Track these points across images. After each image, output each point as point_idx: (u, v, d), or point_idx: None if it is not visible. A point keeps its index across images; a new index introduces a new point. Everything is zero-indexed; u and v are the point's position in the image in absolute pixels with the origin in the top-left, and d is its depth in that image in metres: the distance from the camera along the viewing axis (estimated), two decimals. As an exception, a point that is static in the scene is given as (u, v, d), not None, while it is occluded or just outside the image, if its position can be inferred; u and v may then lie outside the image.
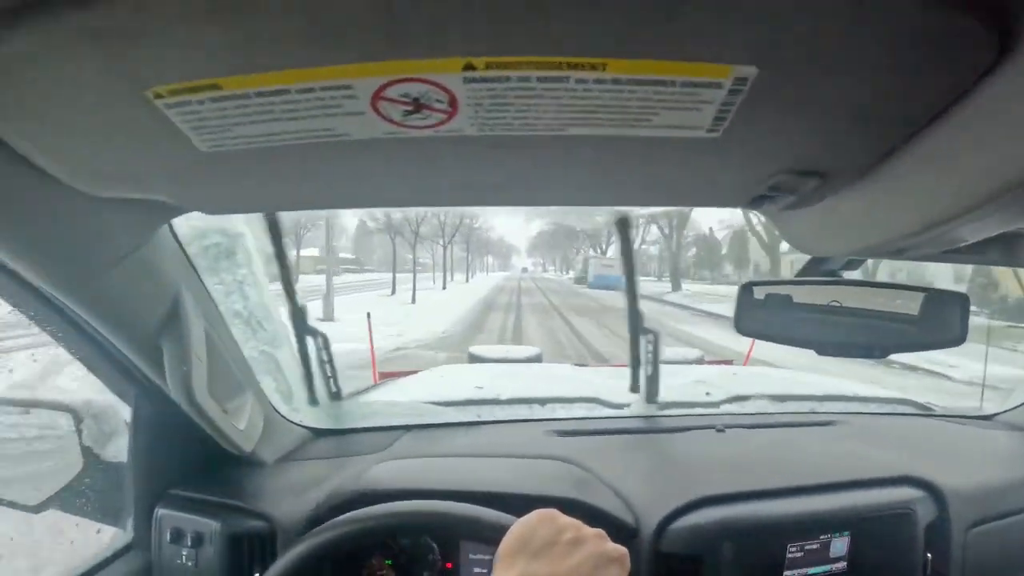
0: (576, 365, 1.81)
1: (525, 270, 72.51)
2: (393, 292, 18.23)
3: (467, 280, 36.27)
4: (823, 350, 0.78)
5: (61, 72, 0.33)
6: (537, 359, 2.20)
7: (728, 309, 0.78)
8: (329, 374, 1.02)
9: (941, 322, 0.74)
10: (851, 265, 0.82)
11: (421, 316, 12.20)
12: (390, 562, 0.85)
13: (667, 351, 2.40)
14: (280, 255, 0.84)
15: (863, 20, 0.28)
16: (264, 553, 0.80)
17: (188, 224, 0.67)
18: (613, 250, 38.28)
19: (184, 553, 0.81)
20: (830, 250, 0.66)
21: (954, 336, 0.72)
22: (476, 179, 0.49)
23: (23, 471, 0.87)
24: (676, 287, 25.26)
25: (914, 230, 0.44)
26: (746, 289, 0.76)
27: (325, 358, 0.99)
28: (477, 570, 0.85)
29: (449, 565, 0.85)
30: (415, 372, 1.83)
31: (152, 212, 0.58)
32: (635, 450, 0.94)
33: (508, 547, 0.48)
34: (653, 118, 0.37)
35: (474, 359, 2.30)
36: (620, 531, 0.78)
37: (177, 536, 0.81)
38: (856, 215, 0.52)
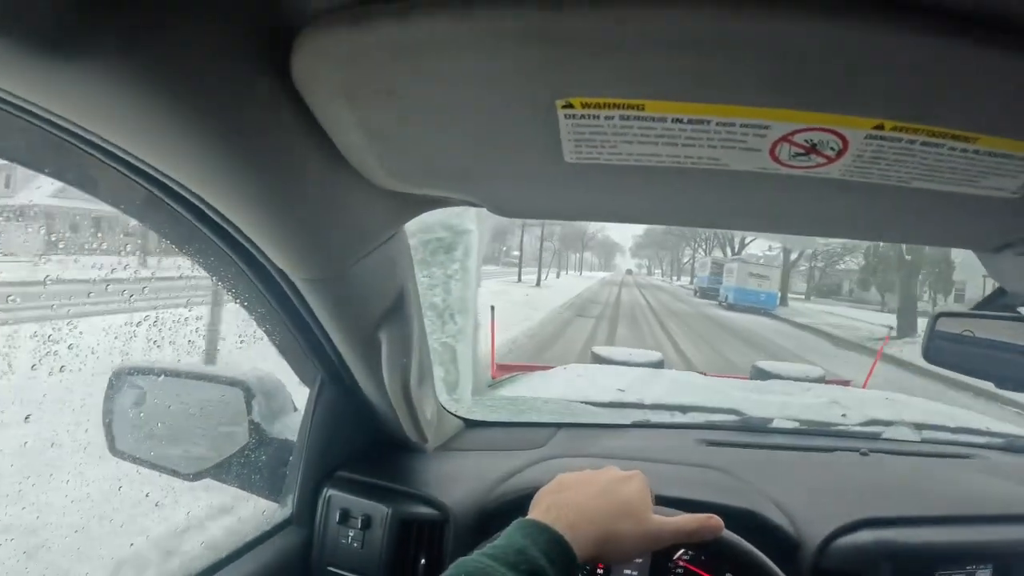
0: (700, 373, 1.83)
1: (630, 272, 68.08)
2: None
3: (538, 283, 22.14)
4: (1002, 384, 0.80)
5: (462, 67, 0.33)
6: (659, 364, 2.21)
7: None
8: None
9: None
10: (1031, 302, 0.83)
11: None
12: None
13: (788, 367, 2.41)
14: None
15: None
16: (431, 540, 0.82)
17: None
18: (748, 253, 26.54)
19: (351, 534, 0.83)
20: None
21: None
22: (800, 211, 0.52)
23: (190, 441, 0.89)
24: (909, 329, 13.15)
25: None
26: (936, 319, 0.78)
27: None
28: (627, 571, 0.87)
29: (601, 566, 0.87)
30: (534, 367, 1.83)
31: (416, 204, 0.58)
32: (786, 466, 0.96)
33: (539, 495, 0.56)
34: (981, 180, 0.41)
35: (597, 359, 2.31)
36: (784, 543, 0.80)
37: (345, 517, 0.83)
38: None
